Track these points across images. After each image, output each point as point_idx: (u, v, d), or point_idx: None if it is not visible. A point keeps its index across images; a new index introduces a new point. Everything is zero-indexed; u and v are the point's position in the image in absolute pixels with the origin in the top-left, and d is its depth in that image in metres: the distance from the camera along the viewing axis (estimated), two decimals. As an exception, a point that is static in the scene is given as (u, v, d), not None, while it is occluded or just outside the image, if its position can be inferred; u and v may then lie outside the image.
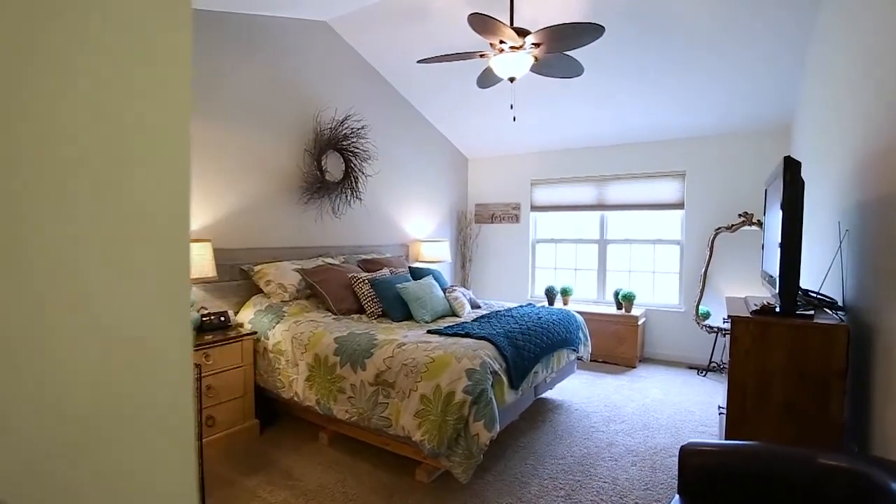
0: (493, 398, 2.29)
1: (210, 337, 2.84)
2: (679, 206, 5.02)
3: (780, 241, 1.87)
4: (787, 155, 1.86)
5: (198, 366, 2.11)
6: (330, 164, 4.11)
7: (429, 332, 2.88)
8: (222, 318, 3.08)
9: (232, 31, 3.35)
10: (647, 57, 3.76)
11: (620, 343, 4.81)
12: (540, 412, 3.50)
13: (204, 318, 3.00)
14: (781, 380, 1.88)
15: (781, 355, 1.88)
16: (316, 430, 3.06)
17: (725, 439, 2.00)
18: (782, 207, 1.86)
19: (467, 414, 2.20)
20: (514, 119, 3.12)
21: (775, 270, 1.99)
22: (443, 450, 2.18)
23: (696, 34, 3.45)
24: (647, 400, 3.79)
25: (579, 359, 3.73)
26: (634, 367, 4.73)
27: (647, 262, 5.32)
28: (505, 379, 2.48)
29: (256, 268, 3.45)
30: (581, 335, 3.68)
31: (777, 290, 1.87)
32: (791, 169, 1.85)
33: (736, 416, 1.98)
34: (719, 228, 4.54)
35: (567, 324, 3.47)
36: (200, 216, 3.17)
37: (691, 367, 4.71)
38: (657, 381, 4.28)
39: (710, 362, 4.48)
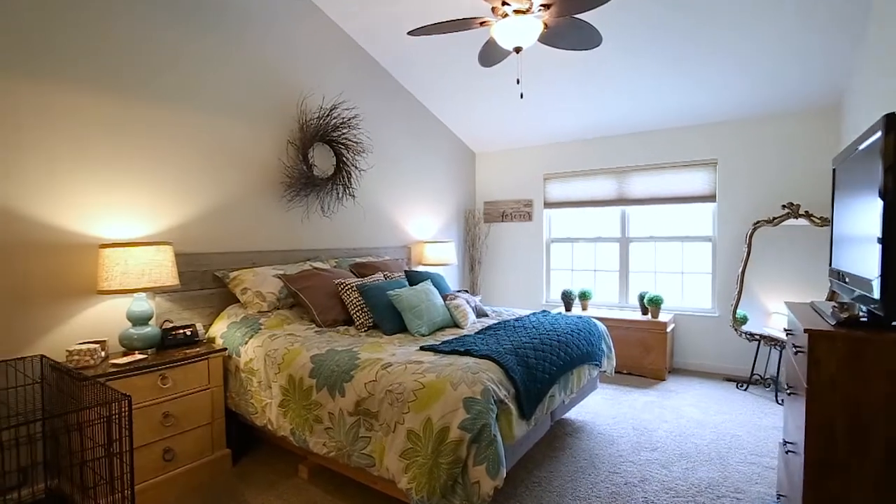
0: (498, 435, 1.82)
1: (179, 355, 2.44)
2: (710, 198, 4.49)
3: (879, 234, 1.38)
4: (888, 112, 1.36)
5: (126, 396, 1.69)
6: (318, 158, 3.69)
7: (422, 348, 2.43)
8: (189, 333, 2.68)
9: (202, 7, 2.96)
10: (671, 33, 3.27)
11: (647, 352, 4.30)
12: (557, 436, 3.03)
13: (167, 333, 2.60)
14: (887, 418, 1.39)
15: (886, 385, 1.39)
16: (296, 462, 2.64)
17: (807, 490, 1.51)
18: (882, 193, 1.37)
19: (465, 456, 1.74)
20: (522, 96, 2.67)
21: (866, 269, 1.50)
22: (435, 501, 1.73)
23: (728, 4, 2.96)
24: (682, 420, 3.28)
25: (602, 372, 3.25)
26: (664, 380, 4.21)
27: (674, 261, 4.80)
28: (513, 408, 2.01)
29: (232, 274, 3.05)
30: (604, 346, 3.20)
31: (878, 295, 1.38)
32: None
33: (820, 461, 1.49)
34: (758, 222, 4.02)
35: (588, 334, 2.99)
36: (160, 217, 2.77)
37: (729, 380, 4.18)
38: (692, 397, 3.76)
39: (753, 374, 3.94)
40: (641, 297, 4.54)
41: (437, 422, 1.80)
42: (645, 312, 4.52)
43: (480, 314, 3.43)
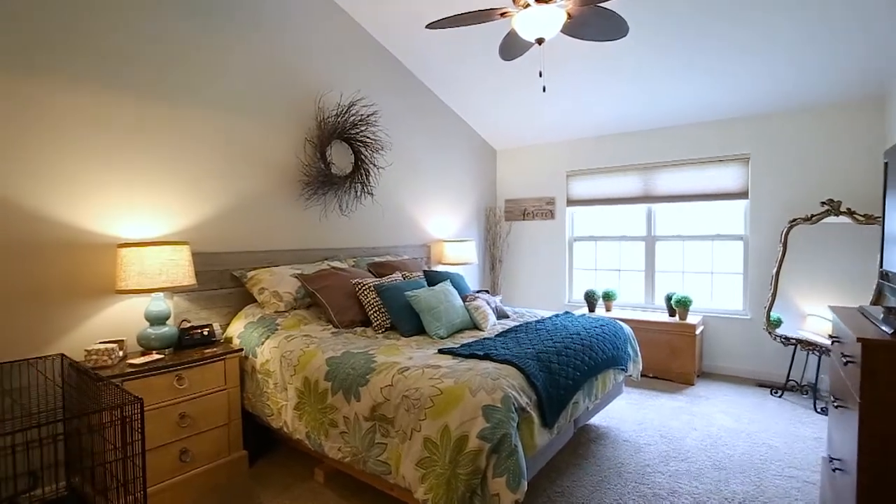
0: (519, 445, 1.73)
1: (195, 355, 2.42)
2: (742, 195, 4.29)
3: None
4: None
5: (138, 399, 1.66)
6: (336, 156, 3.65)
7: (440, 351, 2.35)
8: (206, 333, 2.66)
9: (219, 6, 2.93)
10: (700, 21, 3.11)
11: (675, 356, 4.14)
12: (581, 443, 2.92)
13: (184, 333, 2.58)
14: (955, 439, 1.25)
15: (953, 401, 1.25)
16: (312, 465, 2.60)
17: (856, 517, 1.38)
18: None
19: (484, 466, 1.66)
20: (544, 89, 2.55)
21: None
22: (452, 513, 1.65)
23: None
24: (712, 428, 3.12)
25: (628, 377, 3.12)
26: (692, 385, 4.04)
27: (703, 261, 4.61)
28: (535, 416, 1.92)
29: (250, 274, 3.02)
30: (630, 350, 3.07)
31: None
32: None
33: (875, 484, 1.36)
34: (795, 220, 3.81)
35: (613, 337, 2.86)
36: (178, 216, 2.76)
37: (763, 385, 3.98)
38: (722, 403, 3.59)
39: (788, 380, 3.74)
40: (668, 298, 4.37)
41: (455, 430, 1.72)
42: (672, 314, 4.35)
43: (501, 315, 3.34)
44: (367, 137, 3.79)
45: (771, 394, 3.77)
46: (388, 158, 4.18)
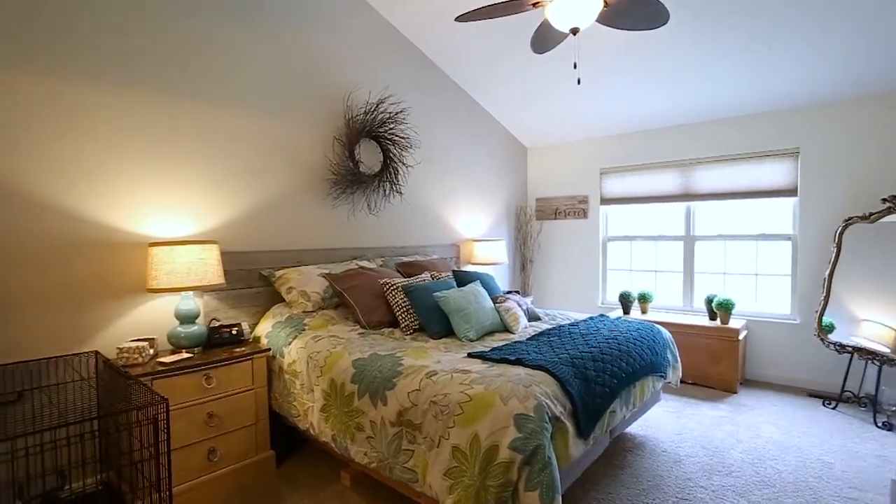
0: (553, 457, 1.64)
1: (223, 354, 2.42)
2: (790, 192, 4.04)
3: None
4: None
5: (164, 399, 1.65)
6: (364, 154, 3.61)
7: (469, 355, 2.27)
8: (234, 332, 2.66)
9: (249, 7, 2.93)
10: (745, 4, 2.91)
11: (716, 362, 3.93)
12: (616, 452, 2.78)
13: (213, 332, 2.59)
14: None
15: None
16: (338, 467, 2.56)
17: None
18: None
19: (516, 479, 1.57)
20: (579, 81, 2.45)
21: None
22: (482, 527, 1.57)
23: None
24: (759, 441, 2.93)
25: (667, 384, 2.96)
26: (735, 393, 3.83)
27: (747, 262, 4.37)
28: (570, 426, 1.81)
29: (278, 273, 3.02)
30: (669, 356, 2.91)
31: None
32: None
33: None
34: (851, 219, 3.55)
35: (652, 342, 2.72)
36: (207, 215, 2.77)
37: (813, 395, 3.73)
38: (769, 413, 3.38)
39: (843, 390, 3.49)
40: (709, 301, 4.16)
41: (484, 439, 1.63)
42: (713, 318, 4.14)
43: (533, 318, 3.23)
44: (396, 135, 3.74)
45: (823, 405, 3.52)
46: (417, 156, 4.13)
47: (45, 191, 2.18)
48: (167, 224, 2.59)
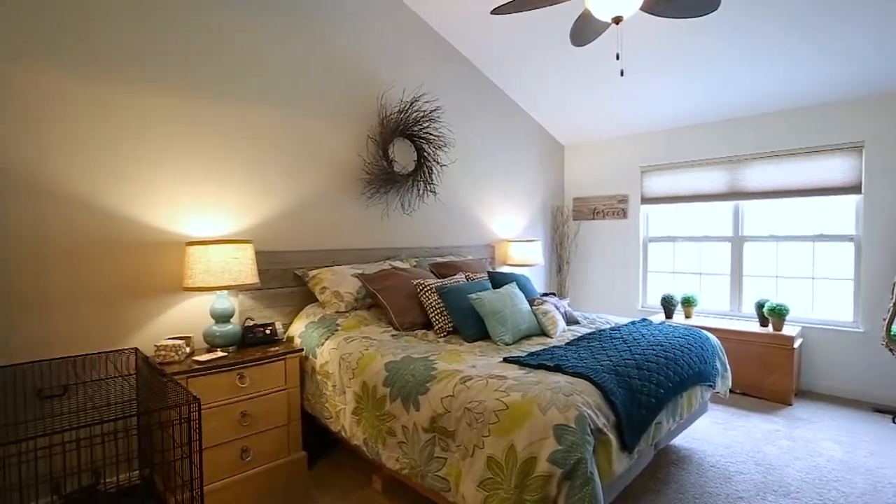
0: (596, 472, 1.53)
1: (257, 353, 2.42)
2: (853, 189, 3.74)
3: None
4: None
5: (196, 399, 1.64)
6: (398, 153, 3.57)
7: (505, 359, 2.17)
8: (268, 332, 2.66)
9: (283, 7, 2.94)
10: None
11: (768, 371, 3.68)
12: (660, 465, 2.63)
13: (248, 331, 2.59)
14: None
15: None
16: (370, 471, 2.52)
17: None
18: None
19: (555, 494, 1.47)
20: (622, 73, 2.30)
21: None
22: (518, 544, 1.48)
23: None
24: (819, 459, 2.71)
25: (715, 393, 2.78)
26: (790, 405, 3.57)
27: (802, 264, 4.08)
28: (613, 438, 1.70)
29: (312, 273, 3.01)
30: (718, 364, 2.73)
31: None
32: None
33: None
34: (923, 218, 3.25)
35: (700, 349, 2.55)
36: (242, 215, 2.78)
37: (880, 411, 3.44)
38: (829, 429, 3.13)
39: (914, 406, 3.20)
40: (760, 306, 3.91)
41: (521, 451, 1.54)
42: (764, 324, 3.89)
43: (571, 321, 3.10)
44: (430, 134, 3.69)
45: (893, 421, 3.23)
46: (452, 155, 4.06)
47: (93, 188, 2.23)
48: (203, 223, 2.62)
